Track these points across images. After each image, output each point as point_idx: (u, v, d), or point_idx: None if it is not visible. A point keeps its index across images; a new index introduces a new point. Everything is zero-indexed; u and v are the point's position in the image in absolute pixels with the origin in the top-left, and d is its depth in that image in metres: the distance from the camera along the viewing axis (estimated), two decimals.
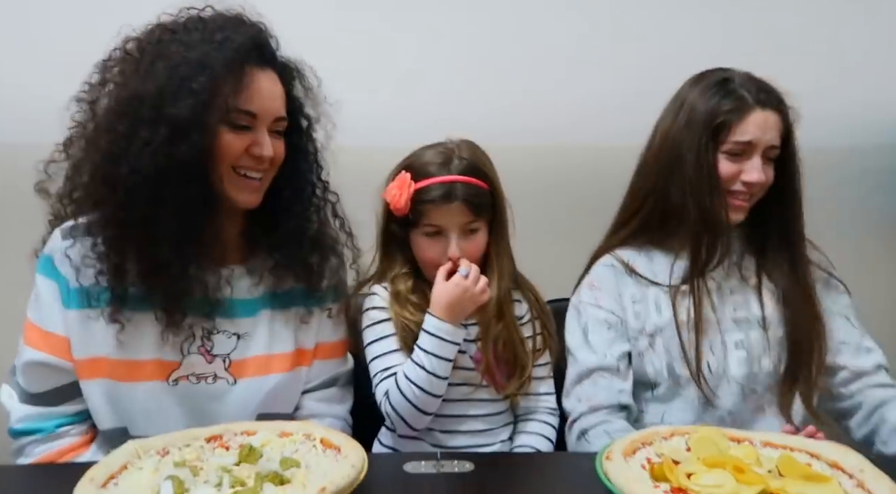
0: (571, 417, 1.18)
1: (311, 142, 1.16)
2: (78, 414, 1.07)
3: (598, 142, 1.68)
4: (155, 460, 0.86)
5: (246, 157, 1.04)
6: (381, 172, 1.23)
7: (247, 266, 1.12)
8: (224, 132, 1.01)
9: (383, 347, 1.18)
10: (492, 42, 1.65)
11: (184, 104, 0.96)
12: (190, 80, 0.97)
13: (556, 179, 1.69)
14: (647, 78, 1.66)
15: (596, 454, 0.87)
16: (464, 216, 1.15)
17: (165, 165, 0.96)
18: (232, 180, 1.04)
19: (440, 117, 1.28)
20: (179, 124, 0.96)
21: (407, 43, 1.63)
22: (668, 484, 0.80)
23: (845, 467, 0.83)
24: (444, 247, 1.16)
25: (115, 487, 0.80)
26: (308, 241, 1.13)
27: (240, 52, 1.00)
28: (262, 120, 1.04)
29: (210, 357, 1.08)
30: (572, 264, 1.27)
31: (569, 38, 1.66)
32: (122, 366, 1.04)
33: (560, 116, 1.66)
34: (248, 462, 0.85)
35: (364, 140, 1.56)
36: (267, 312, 1.12)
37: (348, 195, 1.20)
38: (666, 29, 1.66)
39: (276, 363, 1.11)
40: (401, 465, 0.92)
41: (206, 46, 0.99)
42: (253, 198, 1.07)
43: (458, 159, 1.17)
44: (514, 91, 1.65)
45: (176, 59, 0.98)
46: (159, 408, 1.05)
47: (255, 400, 1.09)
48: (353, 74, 1.62)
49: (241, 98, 1.00)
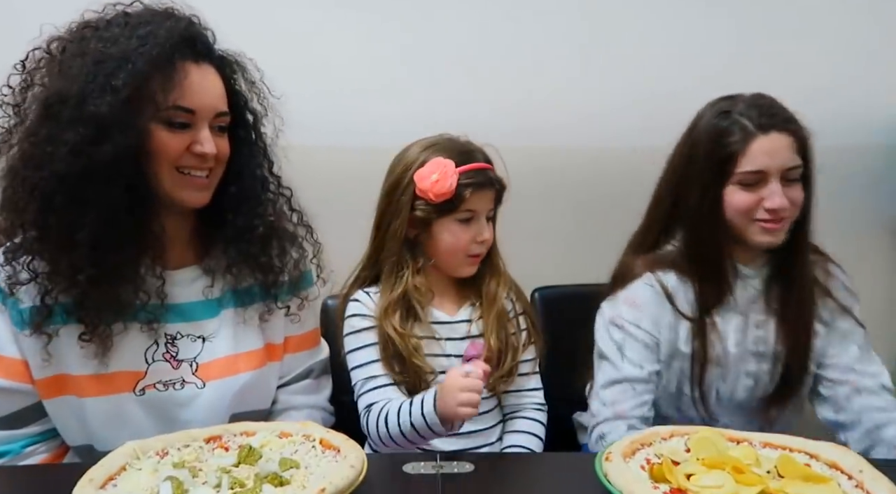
0: (595, 419, 1.19)
1: (259, 137, 1.12)
2: (44, 433, 1.05)
3: (596, 143, 1.69)
4: (154, 461, 0.86)
5: (188, 156, 1.00)
6: (380, 174, 1.23)
7: (202, 266, 1.10)
8: (159, 131, 0.98)
9: (365, 356, 1.18)
10: (490, 42, 1.65)
11: (103, 101, 0.92)
12: (111, 77, 0.93)
13: (555, 180, 1.69)
14: (647, 80, 1.67)
15: (595, 454, 0.87)
16: (491, 202, 1.20)
17: (86, 166, 0.92)
18: (176, 180, 1.01)
19: (438, 118, 1.28)
20: (100, 123, 0.92)
21: (406, 43, 1.63)
22: (667, 485, 0.80)
23: (844, 467, 0.83)
24: (474, 233, 1.18)
25: (114, 488, 0.80)
26: (262, 237, 1.09)
27: (167, 47, 0.96)
28: (200, 116, 1.00)
29: (176, 363, 1.06)
30: (572, 264, 1.26)
31: (568, 39, 1.66)
32: (85, 381, 1.01)
33: (558, 118, 1.66)
34: (248, 463, 0.85)
35: (364, 140, 1.57)
36: (229, 311, 1.11)
37: (349, 196, 1.20)
38: (668, 31, 1.66)
39: (243, 361, 1.10)
40: (400, 466, 0.92)
41: (129, 41, 0.95)
42: (200, 196, 1.04)
43: (477, 150, 1.21)
44: (513, 92, 1.65)
45: (96, 55, 0.94)
46: (126, 421, 1.02)
47: (225, 402, 1.07)
48: (353, 74, 1.62)
49: (173, 94, 0.96)
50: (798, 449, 0.88)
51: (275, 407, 1.16)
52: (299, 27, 1.59)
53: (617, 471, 0.81)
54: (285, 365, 1.17)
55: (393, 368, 1.17)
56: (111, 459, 0.85)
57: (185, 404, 1.05)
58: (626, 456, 0.86)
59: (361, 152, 1.52)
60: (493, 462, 0.94)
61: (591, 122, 1.67)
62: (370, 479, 0.83)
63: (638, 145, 1.67)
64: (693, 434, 0.91)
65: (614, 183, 1.70)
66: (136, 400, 1.03)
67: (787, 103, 1.18)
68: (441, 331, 1.20)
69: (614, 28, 1.66)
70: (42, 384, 1.02)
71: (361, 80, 1.62)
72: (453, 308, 1.24)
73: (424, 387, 1.16)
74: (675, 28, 1.66)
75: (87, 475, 0.80)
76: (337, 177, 1.56)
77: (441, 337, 1.20)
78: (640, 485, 0.78)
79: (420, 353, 1.17)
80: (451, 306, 1.24)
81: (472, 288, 1.24)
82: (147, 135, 0.97)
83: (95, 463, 0.83)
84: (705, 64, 1.66)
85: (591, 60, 1.66)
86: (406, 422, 1.07)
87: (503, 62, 1.65)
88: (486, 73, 1.64)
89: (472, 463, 0.94)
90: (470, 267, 1.21)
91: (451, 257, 1.20)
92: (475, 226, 1.18)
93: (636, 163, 1.68)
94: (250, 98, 1.11)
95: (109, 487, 0.81)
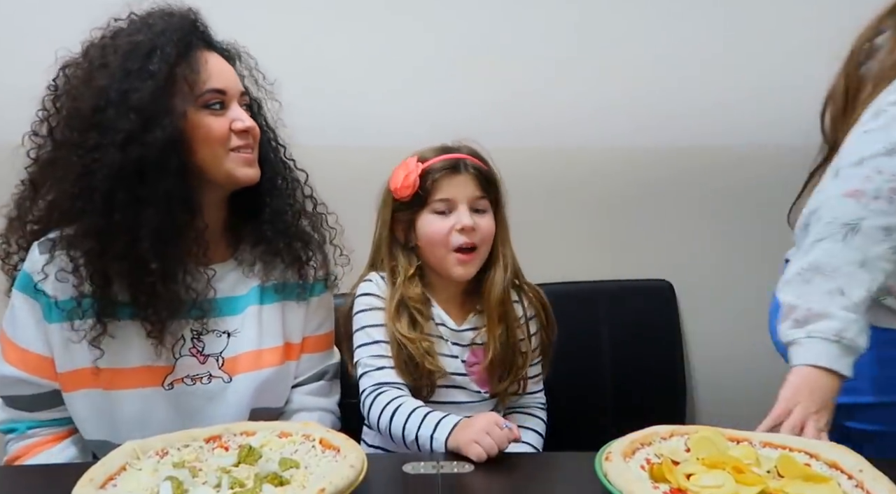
0: None
1: (266, 124, 1.16)
2: (51, 421, 1.07)
3: (595, 143, 1.69)
4: (154, 461, 0.86)
5: (233, 137, 1.04)
6: (380, 173, 1.23)
7: (234, 259, 1.12)
8: (202, 116, 1.01)
9: (374, 334, 1.16)
10: (489, 42, 1.65)
11: (145, 88, 0.96)
12: (146, 63, 0.97)
13: (554, 181, 1.69)
14: (646, 80, 1.67)
15: (595, 454, 0.87)
16: (473, 188, 1.15)
17: (140, 157, 0.95)
18: (231, 160, 1.04)
19: (437, 118, 1.28)
20: (146, 110, 0.95)
21: (406, 44, 1.63)
22: (667, 485, 0.80)
23: (844, 467, 0.83)
24: (452, 222, 1.14)
25: (114, 488, 0.80)
26: (290, 223, 1.13)
27: (184, 34, 1.01)
28: (231, 96, 1.05)
29: (203, 357, 1.07)
30: (572, 262, 1.26)
31: (569, 38, 1.66)
32: (110, 375, 1.03)
33: (560, 117, 1.66)
34: (248, 463, 0.85)
35: (364, 140, 1.57)
36: (254, 307, 1.12)
37: (349, 196, 1.20)
38: (663, 30, 1.66)
39: (266, 357, 1.11)
40: (400, 466, 0.92)
41: (150, 33, 0.99)
42: (255, 171, 1.07)
43: (460, 147, 1.19)
44: (514, 92, 1.65)
45: (124, 49, 0.98)
46: (151, 414, 1.04)
47: (253, 395, 1.09)
48: (352, 75, 1.62)
49: (202, 78, 1.01)
50: (798, 449, 0.88)
51: (288, 406, 1.16)
52: (301, 28, 1.59)
53: (616, 471, 0.81)
54: (302, 365, 1.17)
55: (405, 370, 1.14)
56: (111, 459, 0.85)
57: (212, 398, 1.07)
58: (625, 456, 0.86)
59: (361, 152, 1.52)
60: (492, 462, 0.94)
61: (590, 122, 1.68)
62: (370, 479, 0.83)
63: (636, 145, 1.68)
64: (693, 434, 0.91)
65: (611, 183, 1.70)
66: (164, 395, 1.05)
67: (787, 103, 1.18)
68: (446, 334, 1.19)
69: (613, 27, 1.66)
70: (66, 377, 1.03)
71: (363, 81, 1.62)
72: (460, 315, 1.21)
73: (427, 391, 1.16)
74: (669, 28, 1.66)
75: (87, 474, 0.80)
76: (338, 177, 1.56)
77: (448, 339, 1.19)
78: (640, 485, 0.78)
79: (433, 355, 1.15)
80: (457, 313, 1.21)
81: (478, 296, 1.21)
82: (191, 122, 1.00)
83: (95, 463, 0.83)
84: (702, 64, 1.66)
85: (590, 60, 1.66)
86: (412, 431, 1.05)
87: (504, 62, 1.65)
88: (486, 72, 1.64)
89: (471, 463, 0.94)
90: (460, 265, 1.15)
91: (434, 252, 1.16)
92: (454, 216, 1.14)
93: (632, 162, 1.69)
94: (250, 86, 1.13)
95: (109, 487, 0.80)
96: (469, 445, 0.96)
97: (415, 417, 1.06)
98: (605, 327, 1.59)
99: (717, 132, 1.70)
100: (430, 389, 1.16)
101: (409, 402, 1.10)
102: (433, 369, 1.14)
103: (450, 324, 1.20)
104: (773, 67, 1.65)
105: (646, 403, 1.58)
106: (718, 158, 1.71)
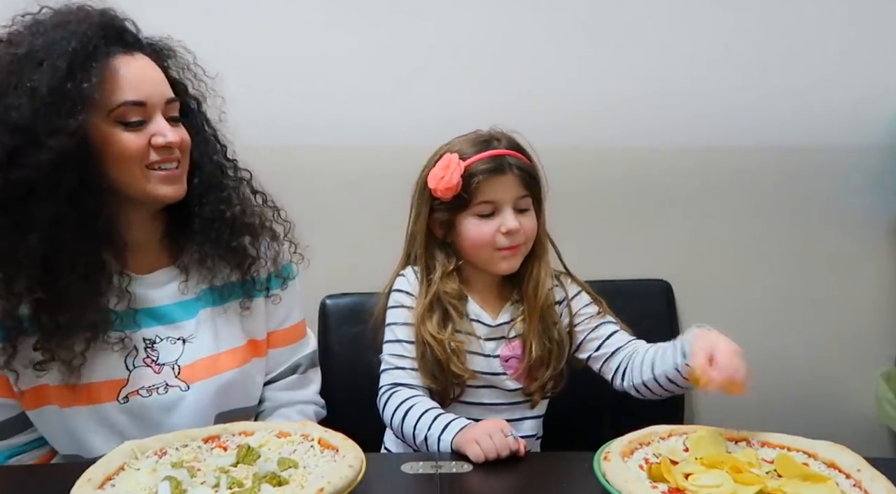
0: None
1: (206, 123, 1.09)
2: (29, 444, 1.05)
3: (595, 143, 1.69)
4: (152, 461, 0.86)
5: (152, 152, 0.97)
6: (380, 173, 1.23)
7: (176, 266, 1.08)
8: (116, 132, 0.95)
9: (397, 333, 1.15)
10: (490, 42, 1.64)
11: (26, 107, 0.88)
12: (27, 80, 0.88)
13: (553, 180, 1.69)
14: (647, 80, 1.67)
15: (593, 454, 0.87)
16: (517, 189, 1.12)
17: (23, 179, 0.88)
18: (149, 178, 0.98)
19: (438, 118, 1.28)
20: (28, 130, 0.88)
21: (405, 42, 1.63)
22: (665, 485, 0.80)
23: (842, 467, 0.83)
24: (497, 225, 1.11)
25: (112, 488, 0.80)
26: (231, 224, 1.07)
27: (88, 41, 0.92)
28: (152, 107, 0.97)
29: (157, 367, 1.04)
30: (570, 262, 1.26)
31: (567, 39, 1.66)
32: (65, 392, 0.99)
33: (562, 117, 1.66)
34: (246, 463, 0.85)
35: (364, 140, 1.57)
36: (207, 310, 1.09)
37: (350, 194, 1.20)
38: (665, 31, 1.66)
39: (225, 360, 1.08)
40: (398, 466, 0.92)
41: (41, 42, 0.91)
42: (177, 189, 1.01)
43: (499, 137, 1.14)
44: (515, 92, 1.65)
45: (7, 62, 0.90)
46: (112, 429, 1.01)
47: (215, 400, 1.06)
48: (352, 74, 1.62)
49: (116, 92, 0.93)
50: (796, 449, 0.89)
51: (264, 404, 1.15)
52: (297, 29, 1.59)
53: (615, 471, 0.81)
54: (271, 361, 1.16)
55: (430, 374, 1.13)
56: (109, 459, 0.85)
57: (170, 408, 1.04)
58: (624, 456, 0.86)
59: (359, 151, 1.52)
60: (490, 462, 0.94)
61: (589, 122, 1.67)
62: (369, 479, 0.83)
63: (636, 145, 1.68)
64: (691, 434, 0.91)
65: (611, 182, 1.70)
66: (120, 408, 1.01)
67: (787, 103, 1.17)
68: (480, 331, 1.17)
69: (613, 28, 1.66)
70: (25, 395, 1.00)
71: (363, 80, 1.62)
72: (496, 307, 1.19)
73: (457, 392, 1.14)
74: (671, 28, 1.66)
75: (86, 474, 0.80)
76: (337, 177, 1.56)
77: (481, 337, 1.17)
78: (639, 485, 0.78)
79: (460, 357, 1.13)
80: (494, 304, 1.19)
81: (515, 285, 1.19)
82: (101, 138, 0.94)
83: (94, 463, 0.83)
84: (703, 64, 1.66)
85: (590, 60, 1.66)
86: (422, 431, 1.04)
87: (505, 61, 1.65)
88: (487, 72, 1.64)
89: (470, 464, 0.94)
90: (505, 261, 1.13)
91: (478, 253, 1.14)
92: (498, 218, 1.11)
93: (632, 162, 1.69)
94: (188, 83, 1.08)
95: (108, 487, 0.80)
96: (469, 444, 0.95)
97: (426, 418, 1.05)
98: None
99: (716, 132, 1.70)
100: (461, 389, 1.15)
101: (421, 403, 1.09)
102: (459, 372, 1.12)
103: (485, 320, 1.17)
104: (775, 69, 1.65)
105: (644, 403, 1.58)
106: (718, 159, 1.70)
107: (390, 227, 1.25)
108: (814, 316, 1.72)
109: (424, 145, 1.22)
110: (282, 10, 1.58)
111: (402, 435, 1.09)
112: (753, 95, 1.66)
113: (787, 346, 1.76)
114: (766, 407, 1.76)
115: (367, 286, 1.12)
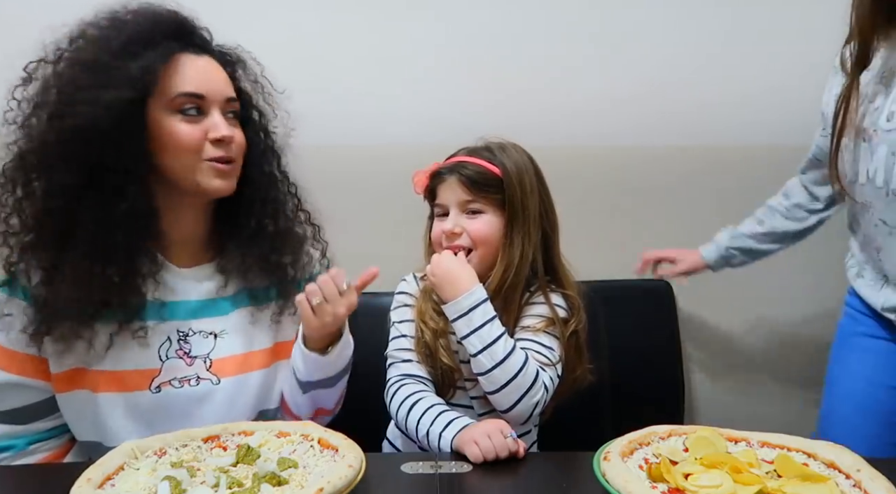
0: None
1: (267, 137, 1.12)
2: (51, 431, 1.05)
3: (595, 143, 1.69)
4: (152, 460, 0.86)
5: (208, 146, 1.01)
6: (380, 173, 1.23)
7: (216, 264, 1.10)
8: (173, 122, 0.98)
9: (401, 329, 1.19)
10: (491, 42, 1.65)
11: (97, 108, 0.92)
12: (102, 82, 0.93)
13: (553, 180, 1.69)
14: (648, 80, 1.67)
15: (593, 454, 0.87)
16: (461, 193, 1.14)
17: (91, 172, 0.93)
18: (203, 170, 1.01)
19: (440, 118, 1.28)
20: (96, 129, 0.92)
21: (410, 43, 1.63)
22: (665, 485, 0.80)
23: (842, 467, 0.83)
24: (449, 226, 1.15)
25: (112, 488, 0.80)
26: (274, 240, 1.11)
27: (160, 36, 0.97)
28: (210, 101, 1.01)
29: (189, 359, 1.06)
30: (571, 262, 1.26)
31: (567, 38, 1.66)
32: (101, 377, 1.01)
33: (557, 117, 1.67)
34: (246, 463, 0.85)
35: (366, 140, 1.57)
36: (242, 309, 1.11)
37: (350, 194, 1.20)
38: (666, 30, 1.67)
39: (255, 360, 1.11)
40: (398, 466, 0.92)
41: (118, 40, 0.95)
42: (227, 184, 1.04)
43: (476, 144, 1.19)
44: (512, 92, 1.65)
45: (93, 52, 0.95)
46: (140, 418, 1.02)
47: (243, 398, 1.08)
48: (354, 74, 1.62)
49: (173, 81, 0.97)
50: (796, 449, 0.89)
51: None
52: (298, 29, 1.59)
53: (615, 471, 0.81)
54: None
55: (425, 359, 1.16)
56: (109, 459, 0.85)
57: (201, 400, 1.06)
58: (624, 456, 0.86)
59: (365, 150, 1.52)
60: (490, 462, 0.94)
61: (589, 122, 1.68)
62: (368, 479, 0.83)
63: (636, 145, 1.68)
64: (691, 434, 0.91)
65: (611, 182, 1.70)
66: (152, 398, 1.03)
67: (786, 103, 1.18)
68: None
69: (615, 28, 1.66)
70: (59, 377, 1.02)
71: (369, 79, 1.62)
72: None
73: (451, 386, 1.16)
74: (671, 28, 1.67)
75: (85, 474, 0.80)
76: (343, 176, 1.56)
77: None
78: (639, 485, 0.78)
79: (448, 350, 1.15)
80: None
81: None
82: (161, 127, 0.98)
83: (94, 463, 0.83)
84: (703, 63, 1.66)
85: (592, 60, 1.67)
86: (425, 426, 1.05)
87: (504, 62, 1.65)
88: (488, 72, 1.64)
89: (469, 463, 0.94)
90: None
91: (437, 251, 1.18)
92: (449, 219, 1.16)
93: (632, 162, 1.70)
94: (255, 96, 1.11)
95: (107, 487, 0.80)
96: (468, 445, 0.96)
97: (430, 413, 1.06)
98: (603, 327, 1.59)
99: (717, 132, 1.70)
100: (452, 389, 1.17)
101: (427, 398, 1.10)
102: (449, 364, 1.15)
103: None
104: (775, 68, 1.65)
105: (644, 403, 1.59)
106: (718, 158, 1.71)
107: (398, 226, 1.25)
108: (815, 315, 1.73)
109: (425, 145, 1.22)
110: (291, 13, 1.58)
111: (405, 428, 1.10)
112: (756, 95, 1.66)
113: (788, 346, 1.76)
114: (765, 408, 1.77)
115: (373, 285, 1.12)
